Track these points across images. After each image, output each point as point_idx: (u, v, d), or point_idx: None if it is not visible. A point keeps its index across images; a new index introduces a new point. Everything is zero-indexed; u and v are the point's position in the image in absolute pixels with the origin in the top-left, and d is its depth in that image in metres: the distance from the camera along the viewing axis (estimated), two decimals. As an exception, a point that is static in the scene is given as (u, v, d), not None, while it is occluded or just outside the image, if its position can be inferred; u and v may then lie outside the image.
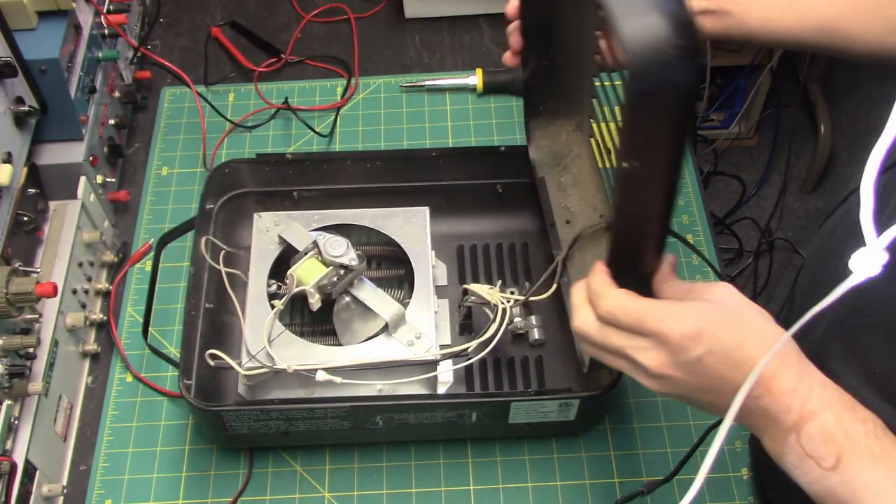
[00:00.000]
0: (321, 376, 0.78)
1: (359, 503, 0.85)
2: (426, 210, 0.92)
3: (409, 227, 0.91)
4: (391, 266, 0.93)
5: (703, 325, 0.56)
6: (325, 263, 0.84)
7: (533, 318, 0.91)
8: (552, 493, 0.85)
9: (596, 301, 0.61)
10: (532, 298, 0.85)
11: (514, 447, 0.88)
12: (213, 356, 0.80)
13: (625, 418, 0.89)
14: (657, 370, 0.58)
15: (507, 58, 0.84)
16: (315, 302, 0.83)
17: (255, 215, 0.91)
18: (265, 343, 0.80)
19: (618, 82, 0.73)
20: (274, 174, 0.95)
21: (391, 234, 0.91)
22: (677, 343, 0.56)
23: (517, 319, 0.88)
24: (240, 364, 0.80)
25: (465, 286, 0.86)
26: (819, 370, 0.57)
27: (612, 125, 0.76)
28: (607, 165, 0.79)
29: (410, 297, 0.86)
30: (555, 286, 0.84)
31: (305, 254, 0.85)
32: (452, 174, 0.96)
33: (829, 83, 1.99)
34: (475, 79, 1.14)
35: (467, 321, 0.90)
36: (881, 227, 0.45)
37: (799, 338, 0.54)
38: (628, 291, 0.60)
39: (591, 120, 0.87)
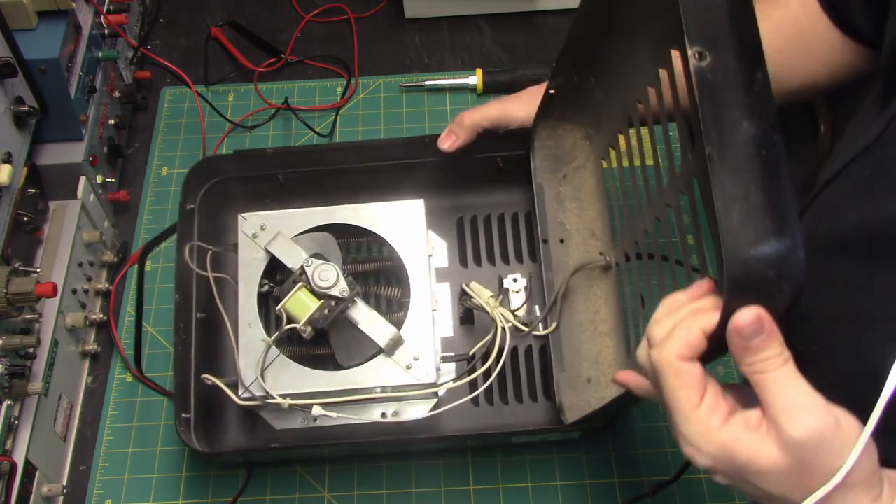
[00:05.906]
0: (316, 411, 0.78)
1: (359, 503, 0.85)
2: (421, 202, 0.88)
3: (404, 227, 0.87)
4: (386, 277, 0.90)
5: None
6: (316, 294, 0.81)
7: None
8: (552, 493, 0.85)
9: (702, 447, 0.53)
10: (535, 334, 0.85)
11: (514, 447, 0.88)
12: (209, 379, 0.80)
13: (625, 418, 0.89)
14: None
15: None
16: (307, 334, 0.81)
17: (240, 217, 0.87)
18: (257, 375, 0.79)
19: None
20: (257, 165, 0.92)
21: (384, 234, 0.87)
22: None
23: (519, 322, 0.87)
24: (236, 394, 0.79)
25: (465, 286, 0.85)
26: None
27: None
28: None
29: (409, 298, 0.85)
30: (555, 324, 0.84)
31: (294, 283, 0.82)
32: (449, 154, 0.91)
33: (829, 83, 1.99)
34: (475, 79, 1.14)
35: (468, 313, 0.89)
36: None
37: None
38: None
39: (617, 138, 0.84)
